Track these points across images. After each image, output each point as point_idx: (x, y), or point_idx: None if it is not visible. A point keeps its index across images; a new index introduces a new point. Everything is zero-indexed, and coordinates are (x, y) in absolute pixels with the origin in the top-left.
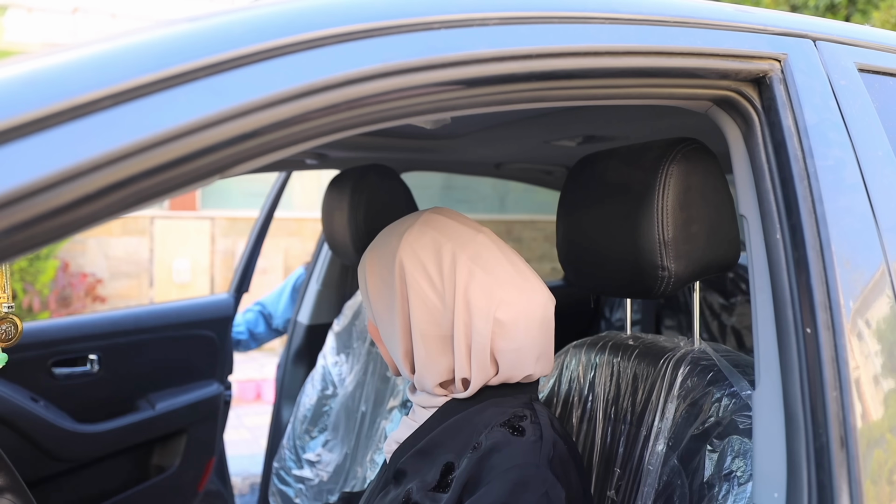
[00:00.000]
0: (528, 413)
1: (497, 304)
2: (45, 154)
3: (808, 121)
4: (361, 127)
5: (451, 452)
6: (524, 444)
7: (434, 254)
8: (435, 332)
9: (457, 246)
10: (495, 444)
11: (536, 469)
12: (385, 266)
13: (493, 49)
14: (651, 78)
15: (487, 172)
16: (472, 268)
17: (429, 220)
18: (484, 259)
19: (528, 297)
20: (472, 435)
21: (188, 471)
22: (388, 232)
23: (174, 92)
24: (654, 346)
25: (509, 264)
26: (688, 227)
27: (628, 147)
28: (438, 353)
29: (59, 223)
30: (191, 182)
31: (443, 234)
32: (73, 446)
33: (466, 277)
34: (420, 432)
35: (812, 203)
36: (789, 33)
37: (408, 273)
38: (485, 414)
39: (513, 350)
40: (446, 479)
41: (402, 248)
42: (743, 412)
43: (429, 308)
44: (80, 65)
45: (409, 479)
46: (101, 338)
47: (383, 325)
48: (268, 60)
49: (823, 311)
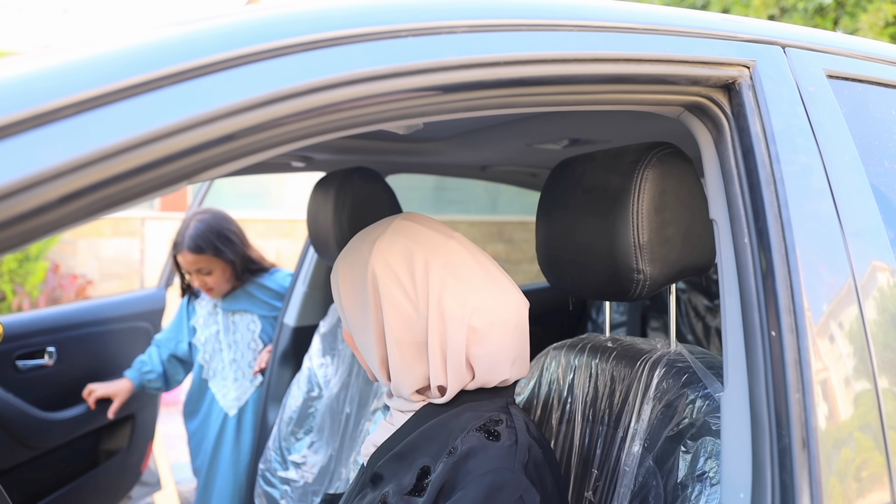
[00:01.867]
0: (504, 417)
1: (471, 312)
2: (8, 161)
3: (775, 127)
4: (331, 133)
5: (427, 456)
6: (499, 448)
7: (406, 263)
8: (409, 339)
9: (429, 254)
10: (471, 448)
11: (511, 473)
12: (357, 275)
13: (462, 56)
14: (621, 84)
15: (473, 175)
16: (445, 276)
17: (399, 228)
18: (456, 266)
19: (502, 302)
20: (448, 439)
21: (133, 453)
22: (358, 240)
23: (139, 100)
24: (631, 349)
25: (482, 269)
26: (663, 231)
27: (605, 151)
28: (413, 360)
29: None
30: (157, 189)
31: (414, 242)
32: (41, 434)
33: (439, 286)
34: (397, 436)
35: (778, 208)
36: (758, 40)
37: (380, 282)
38: (461, 418)
39: (488, 355)
40: (422, 482)
41: (373, 256)
42: (716, 413)
43: (403, 316)
44: (44, 73)
45: (385, 483)
46: (57, 331)
47: (358, 333)
48: (236, 68)
49: (788, 314)
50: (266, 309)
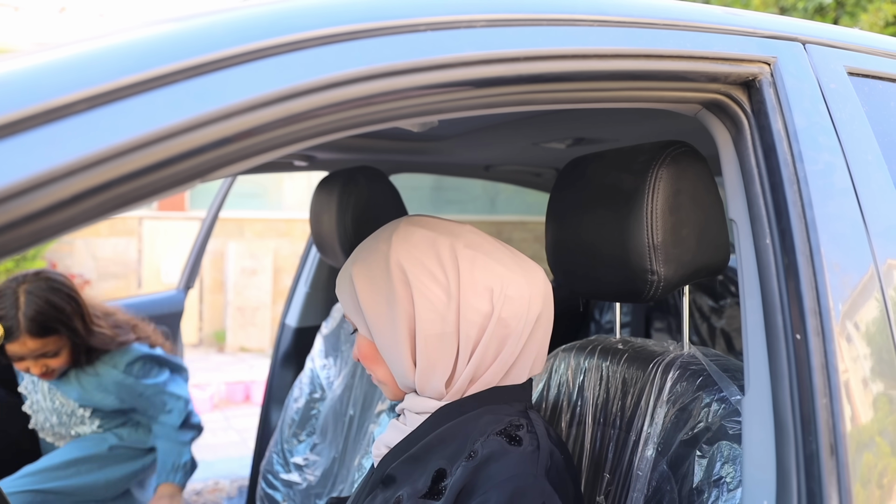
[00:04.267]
0: (525, 422)
1: (502, 282)
2: (17, 159)
3: (797, 124)
4: (347, 130)
5: (443, 459)
6: (521, 454)
7: (430, 249)
8: (439, 330)
9: (449, 237)
10: (492, 453)
11: (534, 479)
12: (377, 273)
13: (480, 52)
14: (639, 81)
15: (476, 174)
16: (472, 254)
17: (413, 221)
18: (478, 245)
19: (530, 274)
20: (466, 442)
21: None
22: (371, 241)
23: (153, 95)
24: (643, 351)
25: (502, 247)
26: (677, 231)
27: (618, 150)
28: (443, 350)
29: (32, 229)
30: (170, 187)
31: (433, 230)
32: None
33: (469, 262)
34: (412, 438)
35: (802, 207)
36: (779, 36)
37: (409, 272)
38: (480, 421)
39: (516, 334)
40: (438, 486)
41: (394, 249)
42: (732, 417)
43: (434, 304)
44: (55, 67)
45: (398, 485)
46: None
47: (383, 336)
48: (251, 63)
49: (813, 316)
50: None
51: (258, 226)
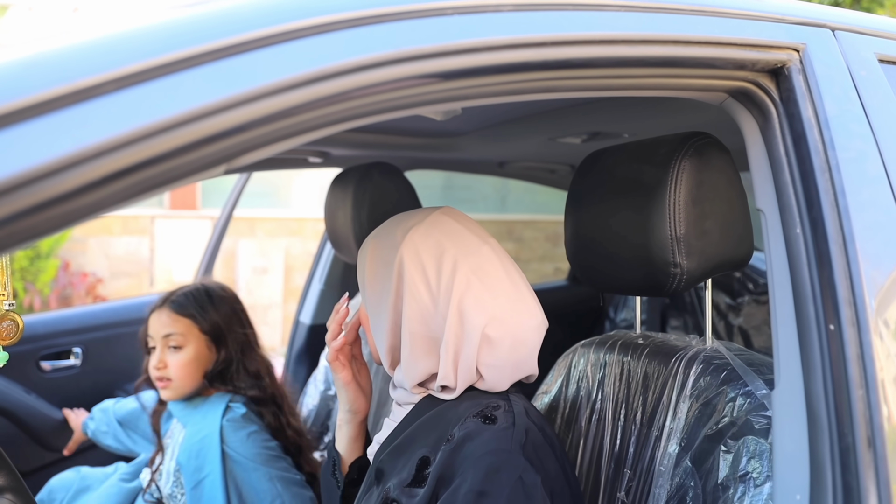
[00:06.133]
0: (503, 403)
1: (488, 320)
2: (46, 139)
3: (828, 112)
4: (372, 116)
5: (426, 447)
6: (495, 430)
7: (436, 257)
8: (423, 333)
9: (460, 253)
10: (467, 433)
11: (509, 455)
12: (384, 258)
13: (507, 36)
14: (666, 68)
15: (490, 171)
16: (472, 279)
17: (436, 222)
18: (485, 272)
19: (522, 318)
20: (446, 429)
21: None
22: (393, 223)
23: (180, 76)
24: (664, 345)
25: (509, 281)
26: (701, 223)
27: (639, 142)
28: (423, 353)
29: (61, 212)
30: (197, 171)
31: (449, 239)
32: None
33: (464, 287)
34: (397, 430)
35: (834, 196)
36: (808, 23)
37: (406, 271)
38: (459, 408)
39: (496, 367)
40: (422, 473)
41: (405, 244)
42: (758, 412)
43: (420, 308)
44: (83, 48)
45: (387, 478)
46: (84, 332)
47: (373, 314)
48: (277, 45)
49: (848, 307)
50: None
51: (269, 225)
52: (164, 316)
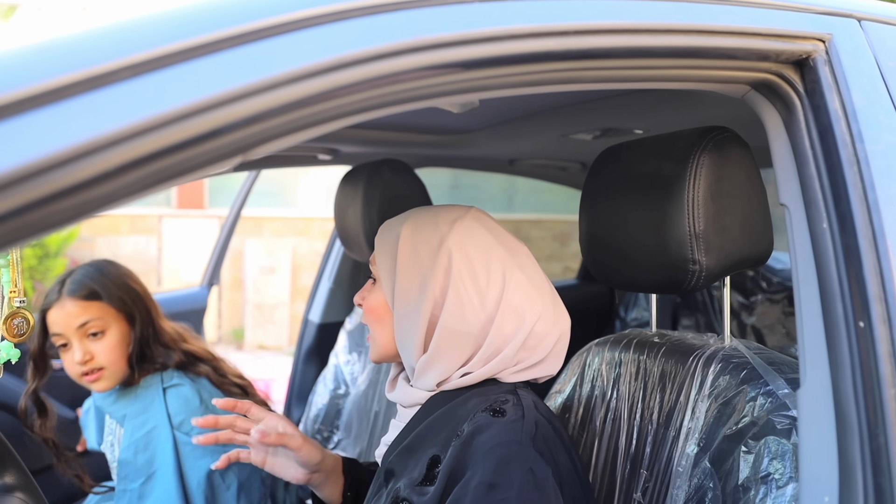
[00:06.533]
0: (511, 398)
1: (538, 317)
2: (59, 127)
3: (856, 104)
4: (391, 107)
5: (436, 446)
6: (505, 423)
7: (485, 254)
8: (461, 329)
9: (507, 252)
10: (477, 427)
11: (519, 446)
12: (427, 249)
13: (529, 25)
14: (689, 59)
15: (501, 169)
16: (520, 277)
17: (479, 217)
18: (529, 271)
19: (562, 315)
20: (456, 426)
21: None
22: (432, 214)
23: (196, 63)
24: (681, 344)
25: (547, 281)
26: (720, 219)
27: (656, 137)
28: (456, 348)
29: (75, 202)
30: (212, 162)
31: (494, 236)
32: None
33: (514, 285)
34: (406, 430)
35: (863, 189)
36: (834, 13)
37: (454, 265)
38: (468, 404)
39: (532, 360)
40: (432, 472)
41: (453, 237)
42: (780, 412)
43: (463, 304)
44: (97, 34)
45: (397, 478)
46: None
47: (404, 306)
48: (295, 32)
49: (878, 303)
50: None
51: (276, 224)
52: (70, 306)
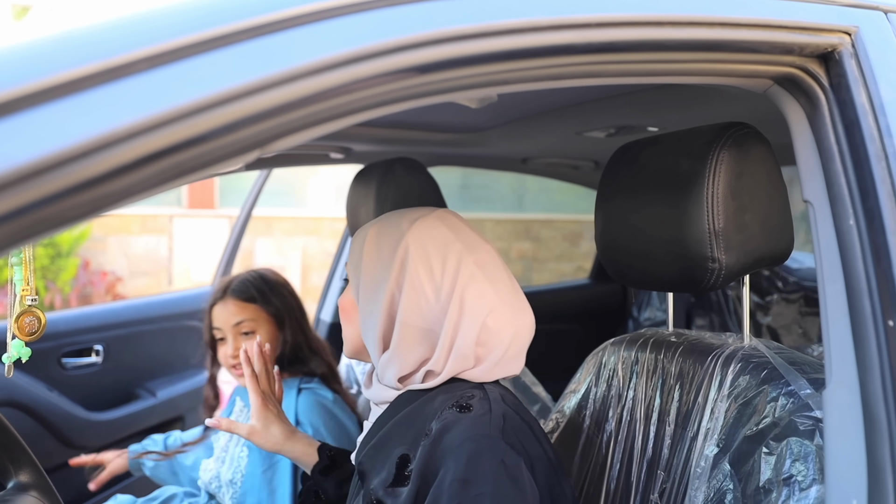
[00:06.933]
0: (477, 392)
1: (489, 311)
2: (76, 119)
3: (884, 98)
4: (411, 101)
5: (404, 444)
6: (472, 418)
7: (441, 249)
8: (417, 324)
9: (465, 247)
10: (445, 425)
11: (488, 439)
12: (387, 245)
13: (550, 17)
14: (712, 52)
15: (513, 167)
16: (475, 271)
17: (443, 217)
18: (487, 266)
19: (519, 314)
20: (424, 424)
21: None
22: (398, 214)
23: (214, 55)
24: (699, 343)
25: (508, 279)
26: (740, 217)
27: (674, 133)
28: (414, 343)
29: (91, 197)
30: (229, 157)
31: (454, 233)
32: (88, 434)
33: (467, 278)
34: (374, 428)
35: (892, 185)
36: (860, 5)
37: (410, 260)
38: (435, 402)
39: (490, 358)
40: (403, 472)
41: (411, 233)
42: (803, 412)
43: (419, 299)
44: (115, 25)
45: (369, 477)
46: (105, 329)
47: (366, 302)
48: (314, 24)
49: None
50: None
51: (286, 224)
52: (231, 305)
